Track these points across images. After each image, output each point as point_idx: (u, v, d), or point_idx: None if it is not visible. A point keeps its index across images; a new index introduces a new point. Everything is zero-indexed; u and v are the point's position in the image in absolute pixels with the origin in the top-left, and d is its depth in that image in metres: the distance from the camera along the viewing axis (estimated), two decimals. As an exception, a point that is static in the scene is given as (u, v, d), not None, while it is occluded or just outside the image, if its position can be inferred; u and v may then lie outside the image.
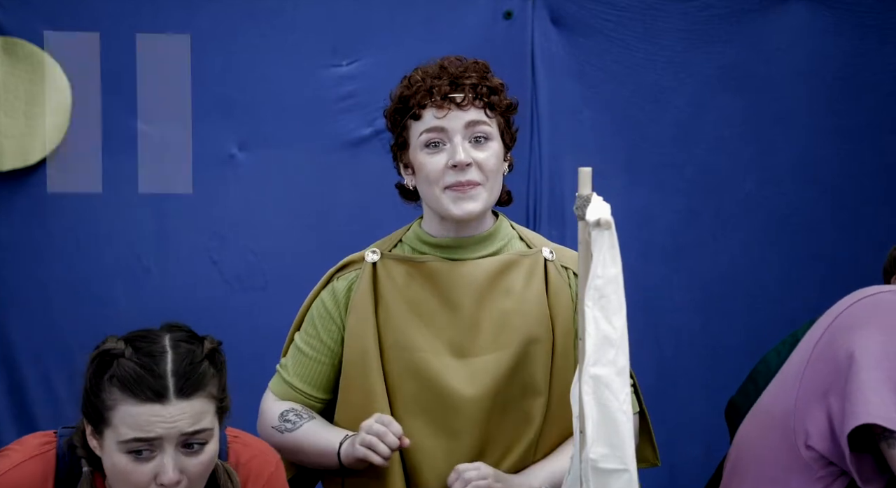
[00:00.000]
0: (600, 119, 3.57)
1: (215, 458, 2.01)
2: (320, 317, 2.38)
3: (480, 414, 2.28)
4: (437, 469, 2.28)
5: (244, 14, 3.41)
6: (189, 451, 1.95)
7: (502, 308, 2.31)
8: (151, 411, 1.92)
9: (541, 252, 2.36)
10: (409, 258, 2.34)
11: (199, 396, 1.97)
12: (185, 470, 1.95)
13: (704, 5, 3.59)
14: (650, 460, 2.48)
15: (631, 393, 2.39)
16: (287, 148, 3.45)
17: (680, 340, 3.64)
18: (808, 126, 3.66)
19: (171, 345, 2.00)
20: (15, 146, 3.29)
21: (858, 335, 2.11)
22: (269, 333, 3.26)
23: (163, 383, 1.93)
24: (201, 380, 1.98)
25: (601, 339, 1.88)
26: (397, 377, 2.30)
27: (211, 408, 1.99)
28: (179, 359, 1.98)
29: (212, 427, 1.98)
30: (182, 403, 1.94)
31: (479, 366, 2.28)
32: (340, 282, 2.38)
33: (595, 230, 1.88)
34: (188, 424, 1.94)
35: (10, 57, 3.28)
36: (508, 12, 3.49)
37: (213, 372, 2.03)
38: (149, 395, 1.92)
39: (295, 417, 2.36)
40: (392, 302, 2.32)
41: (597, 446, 1.89)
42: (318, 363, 2.39)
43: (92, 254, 3.37)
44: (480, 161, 2.26)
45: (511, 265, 2.33)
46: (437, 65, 2.31)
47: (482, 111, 2.27)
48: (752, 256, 3.67)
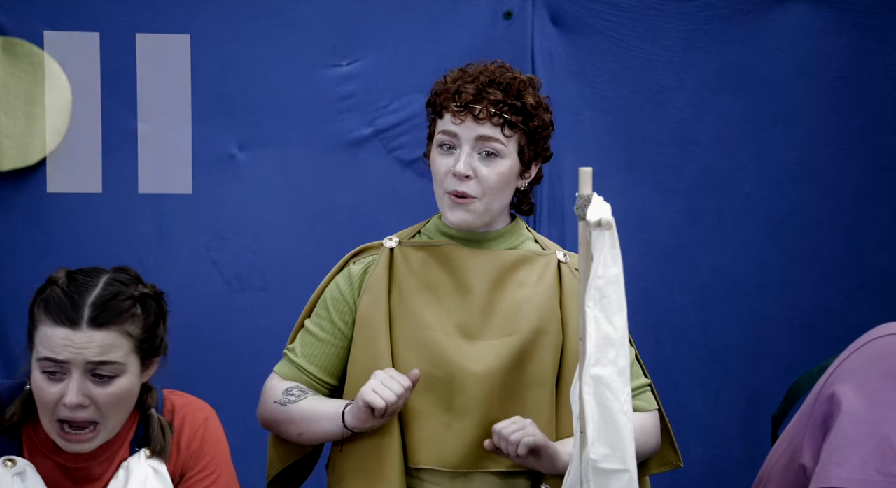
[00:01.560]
0: (600, 119, 3.57)
1: (129, 394, 2.13)
2: (333, 300, 2.40)
3: (485, 395, 2.29)
4: (438, 447, 2.30)
5: (244, 14, 3.41)
6: (97, 380, 2.09)
7: (514, 298, 2.33)
8: (62, 335, 2.08)
9: (555, 254, 2.40)
10: (426, 243, 2.38)
11: (111, 329, 2.09)
12: (92, 397, 2.08)
13: (705, 5, 3.58)
14: (673, 462, 2.48)
15: (649, 390, 2.42)
16: (287, 148, 3.45)
17: (680, 340, 3.64)
18: (808, 126, 3.66)
19: (106, 282, 2.14)
20: (15, 146, 3.29)
21: (848, 386, 1.98)
22: (269, 333, 3.27)
23: (78, 311, 2.08)
24: (118, 315, 2.10)
25: (602, 339, 1.88)
26: (407, 355, 2.32)
27: (125, 344, 2.10)
28: (103, 292, 2.11)
29: (122, 362, 2.10)
30: (92, 332, 2.07)
31: (488, 348, 2.31)
32: (357, 266, 2.41)
33: (596, 230, 1.88)
34: (94, 353, 2.07)
35: (10, 57, 3.28)
36: (508, 12, 3.49)
37: (139, 314, 2.14)
38: (62, 319, 2.08)
39: (299, 392, 2.38)
40: (406, 283, 2.35)
41: (597, 446, 1.89)
42: (328, 345, 2.40)
43: (92, 254, 3.36)
44: (482, 175, 2.29)
45: (525, 260, 2.37)
46: (479, 68, 2.34)
47: (498, 128, 2.29)
48: (752, 256, 3.66)
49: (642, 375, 2.44)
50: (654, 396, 2.44)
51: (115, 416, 2.12)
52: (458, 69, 2.37)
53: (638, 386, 2.40)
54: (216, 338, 3.42)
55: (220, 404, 2.40)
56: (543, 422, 2.32)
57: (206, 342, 3.40)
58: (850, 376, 2.00)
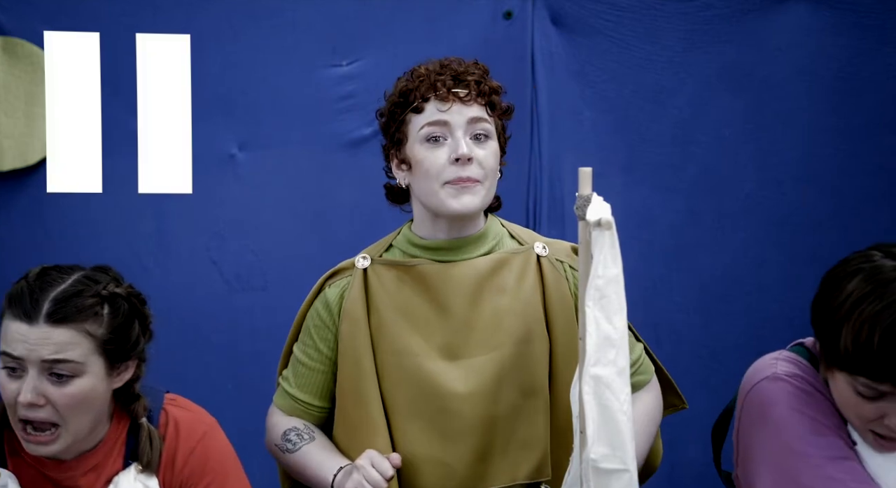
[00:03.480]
0: (600, 119, 3.57)
1: (90, 396, 2.03)
2: (315, 328, 2.38)
3: (477, 417, 2.27)
4: (434, 475, 2.27)
5: (244, 14, 3.41)
6: (55, 380, 2.00)
7: (495, 307, 2.29)
8: (19, 329, 1.99)
9: (532, 248, 2.35)
10: (399, 262, 2.33)
11: (69, 327, 2.00)
12: (48, 397, 2.00)
13: (705, 5, 3.58)
14: (677, 404, 2.52)
15: (643, 358, 2.42)
16: (287, 148, 3.44)
17: (680, 340, 3.64)
18: (808, 126, 3.66)
19: (75, 279, 2.05)
20: (15, 146, 3.29)
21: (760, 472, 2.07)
22: (268, 333, 3.27)
23: (36, 306, 2.00)
24: (77, 313, 2.01)
25: (602, 339, 1.89)
26: (392, 383, 2.29)
27: (84, 343, 2.01)
28: (67, 288, 2.03)
29: (81, 361, 2.01)
30: (48, 329, 1.99)
31: (474, 367, 2.27)
32: (332, 290, 2.37)
33: (596, 230, 1.88)
34: (50, 352, 1.98)
35: (10, 57, 3.28)
36: (508, 12, 3.49)
37: (104, 313, 2.04)
38: (20, 314, 2.00)
39: (296, 438, 2.36)
40: (384, 308, 2.31)
41: (597, 446, 1.89)
42: (317, 373, 2.39)
43: (92, 254, 3.34)
44: (481, 158, 2.25)
45: (502, 264, 2.32)
46: (438, 63, 2.32)
47: (484, 109, 2.28)
48: (752, 256, 3.66)
49: (637, 343, 2.43)
50: (651, 358, 2.44)
51: (76, 419, 2.03)
52: (414, 69, 2.34)
53: (637, 359, 2.40)
54: (216, 338, 3.42)
55: (219, 404, 2.41)
56: (539, 431, 2.30)
57: (206, 342, 3.40)
58: (752, 458, 2.08)
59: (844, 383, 1.96)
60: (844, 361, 1.93)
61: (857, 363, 1.91)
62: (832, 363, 1.97)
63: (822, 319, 1.98)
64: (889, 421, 1.94)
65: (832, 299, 1.96)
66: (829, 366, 1.99)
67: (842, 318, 1.93)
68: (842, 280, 1.98)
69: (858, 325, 1.90)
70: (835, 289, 1.97)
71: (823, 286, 2.02)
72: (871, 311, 1.89)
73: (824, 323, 1.97)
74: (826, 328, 1.97)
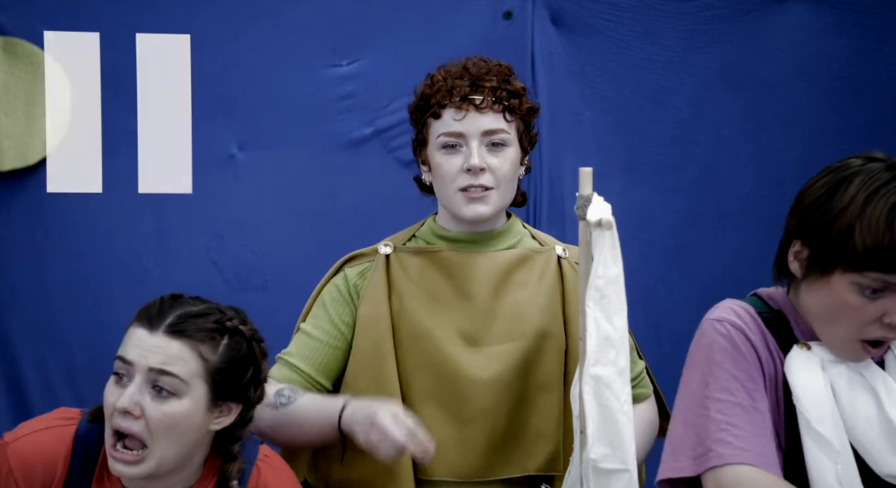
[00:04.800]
0: (600, 119, 3.57)
1: (185, 423, 2.00)
2: (333, 301, 2.38)
3: (493, 403, 2.29)
4: (448, 458, 2.28)
5: (244, 14, 3.41)
6: (155, 395, 1.99)
7: (516, 300, 2.33)
8: (139, 335, 2.01)
9: (553, 250, 2.39)
10: (423, 249, 2.37)
11: (183, 342, 2.01)
12: (145, 410, 1.98)
13: (705, 5, 3.58)
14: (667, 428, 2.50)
15: (644, 375, 2.43)
16: (287, 148, 3.44)
17: (680, 340, 3.62)
18: (809, 126, 3.66)
19: (207, 306, 2.08)
20: (15, 146, 3.29)
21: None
22: (268, 333, 3.24)
23: (161, 317, 2.02)
24: (195, 331, 2.02)
25: (602, 339, 1.89)
26: (411, 366, 2.30)
27: (193, 363, 2.00)
28: (194, 310, 2.05)
29: (185, 380, 1.99)
30: (164, 339, 2.00)
31: (493, 354, 2.30)
32: (352, 270, 2.39)
33: (596, 230, 1.88)
34: (158, 360, 1.98)
35: (10, 57, 3.27)
36: (508, 12, 3.49)
37: (222, 342, 2.04)
38: (144, 321, 2.02)
39: (290, 392, 2.32)
40: (406, 291, 2.33)
41: (597, 446, 1.89)
42: (325, 346, 2.36)
43: (92, 253, 3.36)
44: (494, 167, 2.29)
45: (525, 260, 2.36)
46: (461, 65, 2.34)
47: (500, 115, 2.30)
48: (753, 256, 3.66)
49: (640, 360, 2.46)
50: (650, 378, 2.47)
51: (165, 443, 1.98)
52: (436, 72, 2.36)
53: (638, 374, 2.42)
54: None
55: (220, 404, 2.40)
56: (552, 425, 2.31)
57: (206, 342, 3.40)
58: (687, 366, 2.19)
59: (846, 285, 1.99)
60: (857, 260, 1.95)
61: (871, 258, 1.94)
62: (836, 265, 1.99)
63: (824, 227, 2.00)
64: (891, 318, 1.97)
65: (833, 205, 1.99)
66: (825, 272, 2.01)
67: (852, 219, 1.96)
68: (837, 186, 2.01)
69: (874, 221, 1.94)
70: (832, 196, 2.00)
71: (813, 199, 2.04)
72: (885, 205, 1.94)
73: (827, 230, 1.99)
74: (830, 234, 1.98)
